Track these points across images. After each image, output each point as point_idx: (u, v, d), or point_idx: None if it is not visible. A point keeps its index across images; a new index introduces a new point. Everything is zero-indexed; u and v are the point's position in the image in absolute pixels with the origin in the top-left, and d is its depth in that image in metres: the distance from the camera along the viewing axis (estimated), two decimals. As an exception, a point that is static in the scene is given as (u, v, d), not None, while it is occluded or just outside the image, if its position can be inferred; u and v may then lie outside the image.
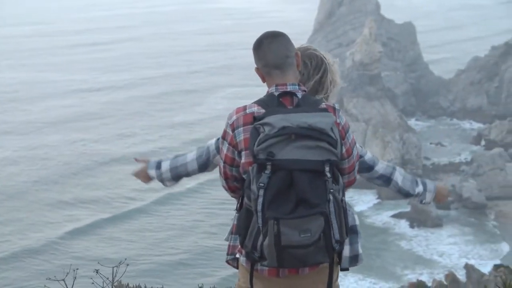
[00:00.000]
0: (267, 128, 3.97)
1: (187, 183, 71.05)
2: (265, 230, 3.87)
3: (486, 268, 47.08)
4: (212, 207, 66.08)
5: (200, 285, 8.05)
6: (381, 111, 79.00)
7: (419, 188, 5.09)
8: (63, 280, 6.82)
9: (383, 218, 67.78)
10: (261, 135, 3.96)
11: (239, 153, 4.24)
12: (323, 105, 4.22)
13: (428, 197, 5.12)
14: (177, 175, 5.05)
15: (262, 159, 3.91)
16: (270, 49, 4.35)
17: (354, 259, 4.73)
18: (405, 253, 59.09)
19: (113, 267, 7.04)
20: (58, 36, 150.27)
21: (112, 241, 57.49)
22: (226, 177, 4.40)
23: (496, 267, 39.05)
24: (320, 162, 3.92)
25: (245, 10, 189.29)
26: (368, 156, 5.07)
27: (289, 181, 3.88)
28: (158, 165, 5.07)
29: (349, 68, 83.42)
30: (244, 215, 4.06)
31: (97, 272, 6.85)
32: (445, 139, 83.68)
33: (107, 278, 7.04)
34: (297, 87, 4.28)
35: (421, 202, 5.13)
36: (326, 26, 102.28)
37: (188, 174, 5.07)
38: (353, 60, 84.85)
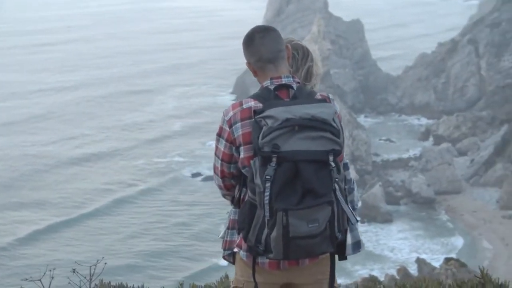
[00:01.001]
0: (269, 121, 3.97)
1: (140, 185, 70.49)
2: (273, 222, 3.88)
3: (437, 262, 47.60)
4: (166, 209, 65.71)
5: (180, 282, 7.92)
6: (330, 108, 79.22)
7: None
8: (40, 280, 6.74)
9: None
10: (265, 128, 3.96)
11: (237, 148, 4.24)
12: (318, 96, 4.29)
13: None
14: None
15: (268, 151, 3.90)
16: (263, 44, 4.32)
17: (357, 246, 4.72)
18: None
19: (90, 266, 6.98)
20: (7, 36, 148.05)
21: (66, 244, 56.87)
22: (223, 176, 4.41)
23: (447, 260, 39.49)
24: (324, 152, 3.94)
25: (196, 9, 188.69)
26: (351, 175, 4.95)
27: (294, 172, 3.90)
28: None
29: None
30: (248, 209, 4.08)
31: (74, 272, 6.80)
32: (394, 135, 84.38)
33: (85, 277, 7.01)
34: (291, 79, 4.30)
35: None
36: (274, 24, 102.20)
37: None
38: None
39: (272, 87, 4.26)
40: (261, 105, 4.16)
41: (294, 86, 4.26)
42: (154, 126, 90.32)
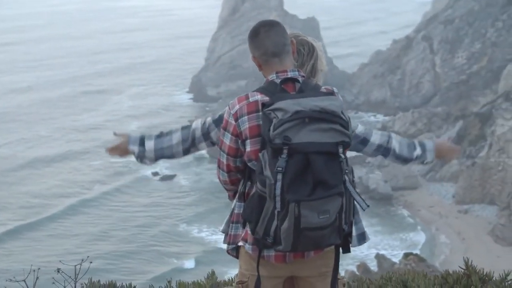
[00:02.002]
0: (279, 114, 3.99)
1: (99, 189, 69.86)
2: (284, 214, 3.92)
3: (397, 258, 47.93)
4: (126, 210, 65.31)
5: (168, 280, 7.83)
6: (287, 106, 79.39)
7: (417, 151, 5.06)
8: (24, 280, 6.68)
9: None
10: (275, 121, 3.98)
11: (243, 142, 4.27)
12: (323, 89, 4.31)
13: (429, 156, 5.08)
14: (160, 156, 4.86)
15: (279, 143, 3.93)
16: (269, 38, 4.36)
17: (362, 237, 4.74)
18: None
19: (75, 266, 6.90)
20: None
21: (24, 248, 56.19)
22: (229, 170, 4.44)
23: (406, 255, 39.78)
24: (334, 144, 3.98)
25: (151, 8, 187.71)
26: (359, 129, 5.01)
27: (305, 164, 3.93)
28: (142, 142, 4.83)
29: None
30: (256, 201, 4.09)
31: (58, 271, 6.65)
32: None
33: (70, 277, 6.89)
34: (297, 73, 4.34)
35: (422, 163, 5.14)
36: (230, 22, 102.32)
37: (172, 157, 4.88)
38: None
39: (278, 81, 4.31)
40: (267, 98, 4.21)
41: (300, 79, 4.31)
42: (110, 126, 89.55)
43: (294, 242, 3.96)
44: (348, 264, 51.57)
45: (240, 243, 4.43)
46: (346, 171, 4.00)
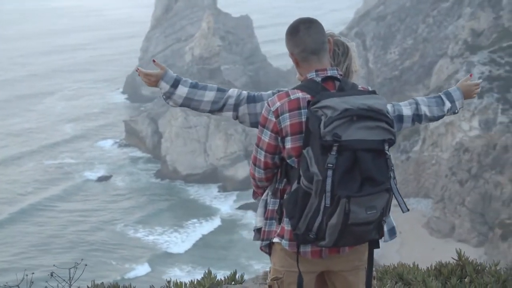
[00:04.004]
0: (328, 111, 4.01)
1: (31, 199, 68.52)
2: (332, 210, 3.95)
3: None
4: (65, 217, 64.42)
5: (168, 280, 7.59)
6: (222, 104, 79.20)
7: (447, 105, 5.19)
8: (17, 286, 6.64)
9: (228, 209, 68.26)
10: (324, 118, 4.00)
11: (283, 139, 4.29)
12: (360, 88, 4.40)
13: (458, 104, 5.26)
14: (187, 105, 4.91)
15: (330, 140, 3.95)
16: (309, 35, 4.38)
17: (393, 232, 4.83)
18: (249, 243, 59.65)
19: (69, 269, 6.82)
20: None
21: None
22: (266, 167, 4.45)
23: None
24: (381, 142, 4.03)
25: (83, 8, 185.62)
26: (388, 109, 4.80)
27: (353, 161, 3.97)
28: (175, 84, 4.87)
29: (189, 63, 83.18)
30: (301, 197, 4.11)
31: (52, 275, 6.67)
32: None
33: (64, 280, 6.87)
34: (336, 71, 4.38)
35: (454, 113, 5.28)
36: (163, 21, 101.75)
37: (196, 110, 4.94)
38: (193, 54, 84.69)
39: (318, 79, 4.34)
40: (309, 96, 4.24)
41: (339, 78, 4.36)
42: (44, 129, 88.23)
43: (337, 238, 4.02)
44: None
45: (275, 240, 4.45)
46: (392, 168, 4.08)
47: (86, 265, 7.00)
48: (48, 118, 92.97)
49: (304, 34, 4.38)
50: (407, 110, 5.07)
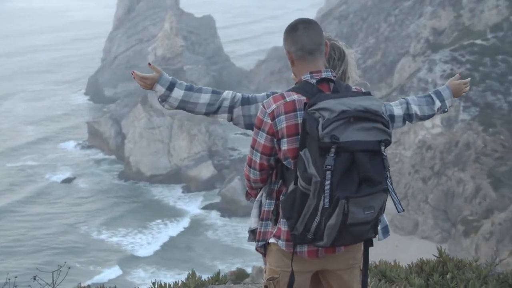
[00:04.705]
0: (325, 113, 4.04)
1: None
2: (331, 211, 3.99)
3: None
4: (30, 221, 63.73)
5: (152, 281, 7.62)
6: (186, 104, 79.06)
7: (437, 104, 5.25)
8: None
9: (194, 210, 68.09)
10: (322, 120, 4.02)
11: (278, 140, 4.31)
12: (354, 89, 4.46)
13: (448, 103, 5.32)
14: (182, 108, 4.93)
15: (328, 142, 3.98)
16: (307, 34, 4.41)
17: (386, 230, 4.86)
18: (213, 243, 59.51)
19: (52, 272, 6.77)
20: None
21: None
22: (261, 169, 4.46)
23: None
24: (377, 142, 4.08)
25: (44, 9, 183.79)
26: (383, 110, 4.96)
27: (351, 162, 4.01)
28: (171, 87, 4.89)
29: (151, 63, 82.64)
30: (299, 198, 4.13)
31: (34, 279, 6.65)
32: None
33: (47, 284, 6.83)
34: (330, 73, 4.41)
35: (444, 111, 5.30)
36: (126, 22, 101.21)
37: (191, 112, 4.99)
38: (155, 55, 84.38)
39: (313, 81, 4.36)
40: (304, 98, 4.27)
41: (333, 79, 4.39)
42: (4, 131, 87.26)
43: (335, 238, 4.07)
44: (251, 260, 51.61)
45: (271, 240, 4.48)
46: (389, 168, 4.14)
47: (69, 268, 6.87)
48: (9, 120, 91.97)
49: (302, 33, 4.40)
50: (398, 110, 5.12)
